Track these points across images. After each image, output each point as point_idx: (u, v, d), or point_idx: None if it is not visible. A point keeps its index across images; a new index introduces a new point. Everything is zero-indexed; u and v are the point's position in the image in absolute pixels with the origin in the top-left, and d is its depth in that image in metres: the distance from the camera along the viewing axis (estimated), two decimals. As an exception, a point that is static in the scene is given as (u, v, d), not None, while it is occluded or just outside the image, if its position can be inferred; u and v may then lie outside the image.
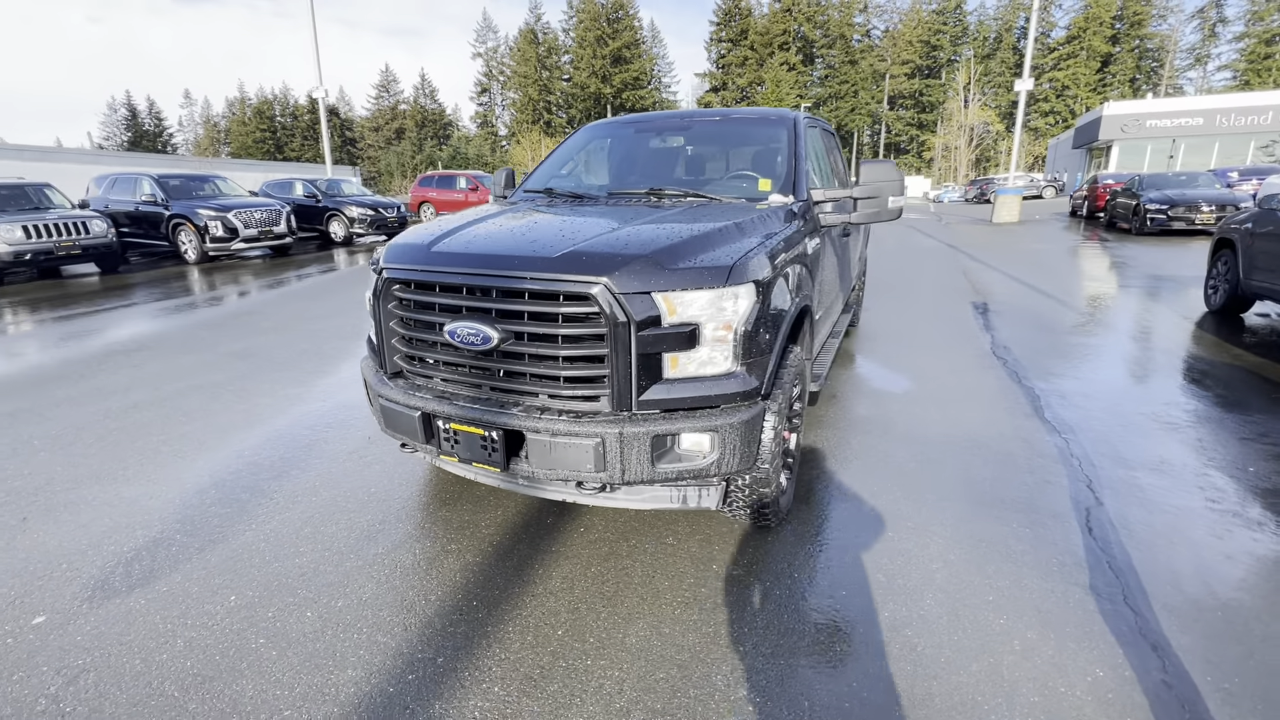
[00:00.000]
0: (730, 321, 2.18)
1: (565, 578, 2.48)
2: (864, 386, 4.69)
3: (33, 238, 9.50)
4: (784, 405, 2.50)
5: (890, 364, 5.25)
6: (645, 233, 2.36)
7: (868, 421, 4.01)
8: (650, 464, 2.18)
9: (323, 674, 2.00)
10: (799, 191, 3.15)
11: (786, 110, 3.66)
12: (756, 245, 2.38)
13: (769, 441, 2.43)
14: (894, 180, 3.15)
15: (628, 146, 3.89)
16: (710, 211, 2.77)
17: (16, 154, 20.22)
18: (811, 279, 3.05)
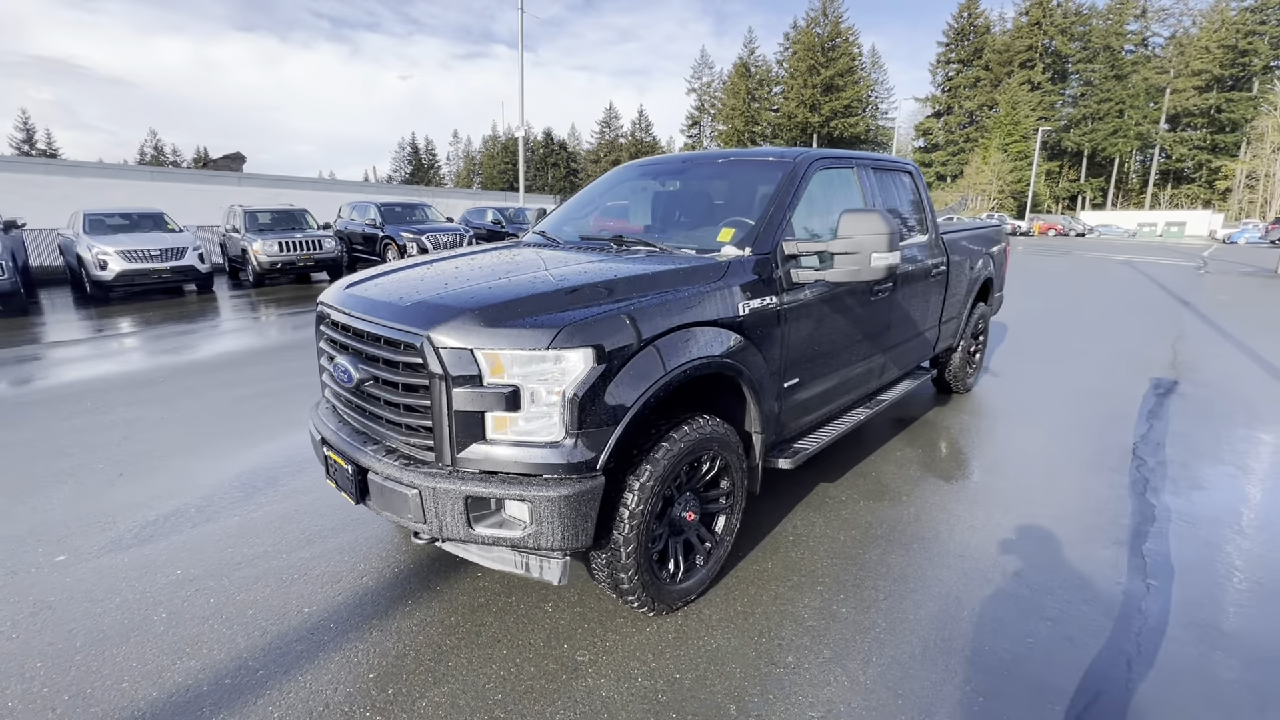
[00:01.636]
0: (560, 387, 2.04)
1: (424, 621, 2.50)
2: (908, 470, 3.95)
3: (283, 251, 12.26)
4: (656, 482, 2.25)
5: (974, 445, 4.35)
6: (501, 287, 2.31)
7: (868, 521, 3.38)
8: (466, 524, 2.12)
9: (175, 658, 2.28)
10: (762, 243, 2.81)
11: (799, 152, 3.28)
12: (616, 306, 2.19)
13: (629, 519, 2.21)
14: (878, 234, 2.66)
15: (627, 191, 3.82)
16: (631, 264, 2.61)
17: (306, 185, 26.15)
18: (772, 340, 2.70)
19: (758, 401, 2.73)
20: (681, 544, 2.57)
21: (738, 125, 74.25)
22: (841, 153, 3.62)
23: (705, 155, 3.65)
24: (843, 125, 70.41)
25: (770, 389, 2.82)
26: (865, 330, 3.50)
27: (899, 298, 3.81)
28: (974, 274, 5.04)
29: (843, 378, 3.40)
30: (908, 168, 4.28)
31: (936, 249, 4.32)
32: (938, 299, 4.42)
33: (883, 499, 3.56)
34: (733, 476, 2.70)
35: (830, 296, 3.09)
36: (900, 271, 3.74)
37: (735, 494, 2.74)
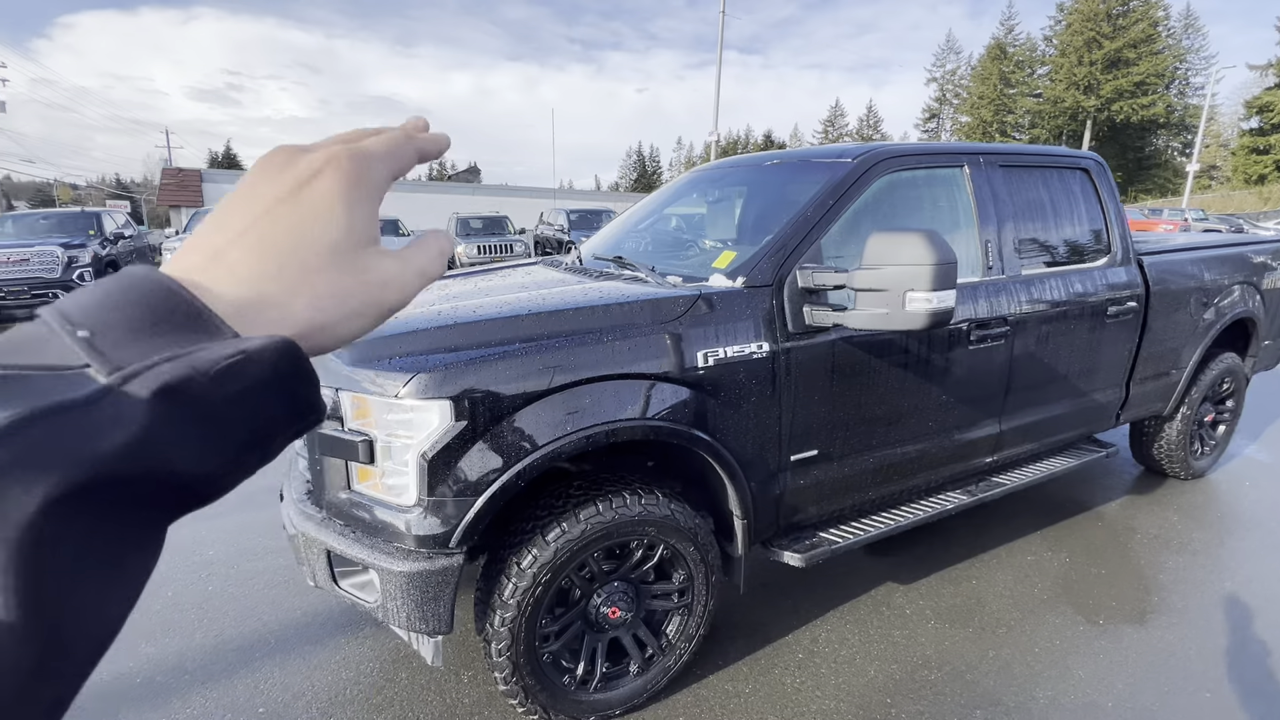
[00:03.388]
0: (415, 443, 1.73)
1: (324, 666, 2.37)
2: (1030, 588, 2.81)
3: (480, 254, 13.71)
4: (544, 569, 1.82)
5: (1169, 566, 2.98)
6: (419, 316, 2.04)
7: (928, 654, 2.44)
8: (330, 577, 1.93)
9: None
10: (760, 273, 2.14)
11: (864, 148, 2.47)
12: (501, 350, 1.79)
13: (499, 610, 1.82)
14: (916, 265, 1.85)
15: (672, 199, 3.26)
16: (576, 293, 2.17)
17: (529, 194, 29.20)
18: (762, 400, 2.07)
19: (734, 478, 2.09)
20: (605, 645, 2.07)
21: (984, 116, 64.84)
22: (943, 146, 2.68)
23: (753, 158, 2.97)
24: (1129, 108, 57.13)
25: (763, 463, 2.15)
26: (954, 390, 2.54)
27: (1030, 345, 2.72)
28: (1212, 312, 3.47)
29: (908, 453, 2.50)
30: (1081, 163, 3.06)
31: (1124, 277, 3.02)
32: (1123, 347, 3.10)
33: (967, 624, 2.56)
34: (689, 569, 2.11)
35: (875, 343, 2.27)
36: (1027, 312, 2.66)
37: (694, 591, 2.15)
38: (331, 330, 0.31)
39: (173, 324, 0.26)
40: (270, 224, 0.30)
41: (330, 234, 0.31)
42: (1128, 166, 60.72)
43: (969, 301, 2.51)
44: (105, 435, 0.23)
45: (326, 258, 0.31)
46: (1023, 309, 2.65)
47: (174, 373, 0.24)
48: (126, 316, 0.25)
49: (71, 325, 0.25)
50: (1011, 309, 2.62)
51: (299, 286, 0.30)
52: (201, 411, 0.25)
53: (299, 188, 0.31)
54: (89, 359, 0.24)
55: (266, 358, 0.27)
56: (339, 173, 0.32)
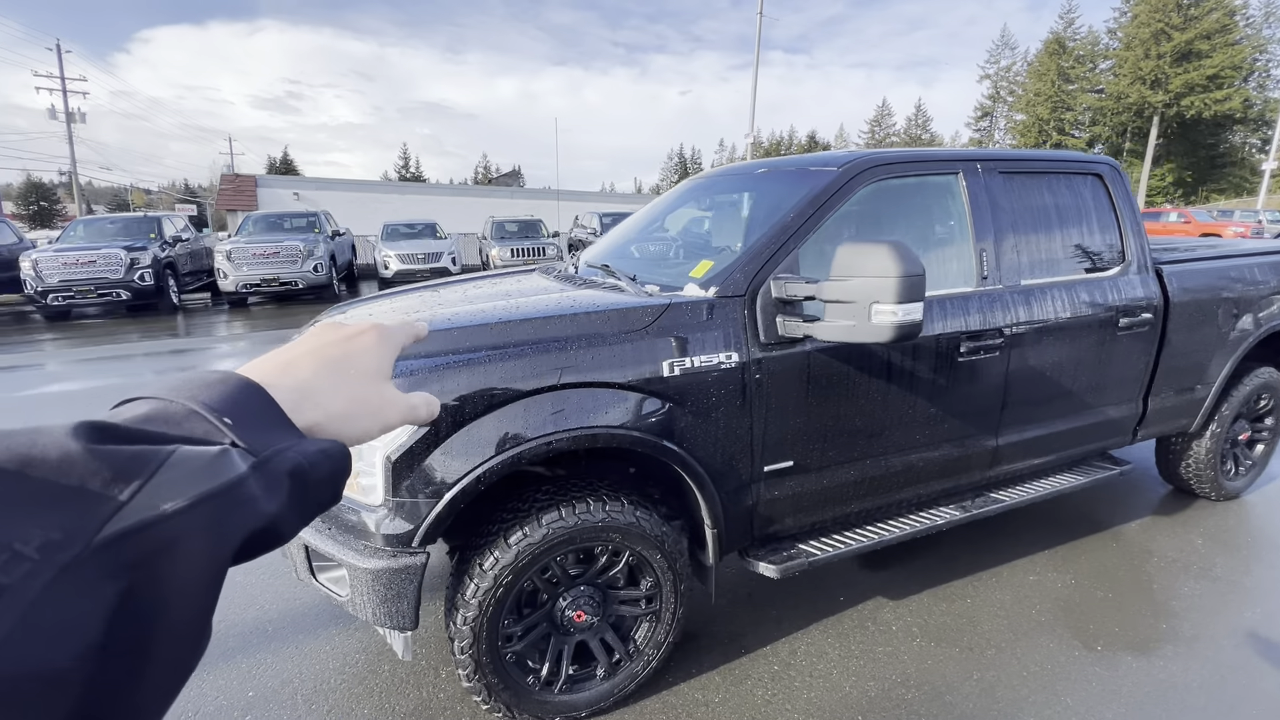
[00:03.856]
0: (381, 446, 1.80)
1: (314, 655, 2.49)
2: (1028, 609, 2.72)
3: (514, 257, 13.98)
4: (506, 570, 1.87)
5: (1185, 593, 2.84)
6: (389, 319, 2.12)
7: (909, 672, 2.39)
8: (309, 571, 2.02)
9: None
10: (734, 283, 2.14)
11: (848, 156, 2.44)
12: (468, 356, 1.85)
13: (461, 609, 1.88)
14: (881, 277, 1.83)
15: (669, 207, 3.27)
16: (551, 302, 2.22)
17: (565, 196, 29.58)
18: (733, 409, 2.08)
19: (702, 487, 2.10)
20: (572, 648, 2.11)
21: (1040, 113, 62.18)
22: (935, 153, 2.61)
23: (745, 166, 2.96)
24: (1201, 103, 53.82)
25: (734, 473, 2.15)
26: (943, 403, 2.48)
27: (1029, 358, 2.63)
28: (1246, 323, 3.27)
29: (893, 466, 2.46)
30: (1094, 169, 2.93)
31: (1138, 288, 2.89)
32: (1137, 361, 2.96)
33: (955, 644, 2.49)
34: (657, 576, 2.13)
35: (854, 354, 2.24)
36: (1025, 324, 2.57)
37: (662, 598, 2.16)
38: (351, 423, 0.42)
39: (266, 420, 0.35)
40: (326, 354, 0.44)
41: (368, 364, 0.45)
42: (1199, 165, 57.33)
43: (959, 313, 2.45)
44: (267, 501, 0.32)
45: (361, 377, 0.44)
46: (1020, 321, 2.57)
47: (294, 459, 0.34)
48: (246, 412, 0.34)
49: (217, 413, 0.33)
50: (1007, 321, 2.54)
51: (338, 390, 0.42)
52: (306, 488, 0.34)
53: (349, 340, 0.46)
54: (237, 440, 0.32)
55: (336, 453, 0.38)
56: (376, 332, 0.48)
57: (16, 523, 0.23)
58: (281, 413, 0.36)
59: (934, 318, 2.40)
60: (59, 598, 0.23)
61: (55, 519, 0.24)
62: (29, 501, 0.24)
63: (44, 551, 0.23)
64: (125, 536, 0.25)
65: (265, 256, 11.38)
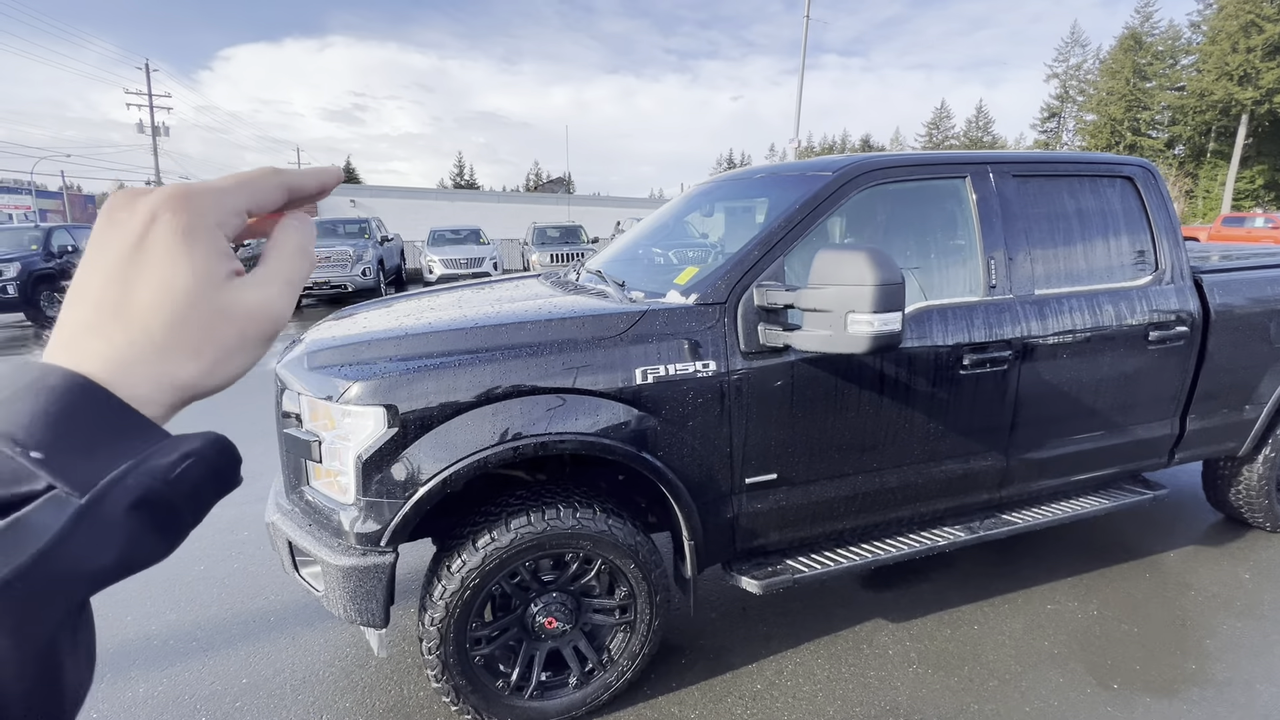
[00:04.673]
0: (352, 445, 1.85)
1: (308, 647, 2.56)
2: (1040, 640, 2.54)
3: (553, 262, 14.18)
4: (474, 573, 1.89)
5: (1223, 634, 2.60)
6: (384, 328, 2.17)
7: (899, 700, 2.27)
8: (292, 565, 2.09)
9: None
10: (715, 290, 2.10)
11: (845, 161, 2.35)
12: (439, 361, 1.87)
13: (429, 610, 1.91)
14: (857, 286, 1.76)
15: (678, 213, 3.23)
16: (529, 309, 2.23)
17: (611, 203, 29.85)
18: (710, 419, 2.04)
19: (678, 497, 2.06)
20: (544, 654, 2.10)
21: (1113, 113, 58.80)
22: (941, 156, 2.49)
23: (746, 171, 2.90)
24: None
25: (713, 484, 2.11)
26: (944, 418, 2.35)
27: (1044, 372, 2.47)
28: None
29: (888, 482, 2.35)
30: (1123, 171, 2.74)
31: (1171, 299, 2.68)
32: (1171, 378, 2.74)
33: (954, 673, 2.36)
34: (631, 586, 2.10)
35: (844, 364, 2.16)
36: (1039, 336, 2.42)
37: (636, 609, 2.13)
38: (216, 373, 0.32)
39: (105, 427, 0.27)
40: (122, 287, 0.30)
41: (180, 281, 0.31)
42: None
43: (962, 324, 2.33)
44: (98, 554, 0.26)
45: (185, 306, 0.31)
46: (1032, 332, 2.42)
47: (139, 486, 0.27)
48: (65, 430, 0.26)
49: (20, 446, 0.25)
50: (1017, 332, 2.40)
51: (171, 343, 0.30)
52: (164, 514, 0.28)
53: (139, 241, 0.31)
54: (52, 480, 0.25)
55: (208, 454, 0.30)
56: (172, 215, 0.31)
57: None
58: (124, 409, 0.28)
59: (934, 328, 2.29)
60: None
61: None
62: None
63: None
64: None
65: (317, 261, 11.88)
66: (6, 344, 9.68)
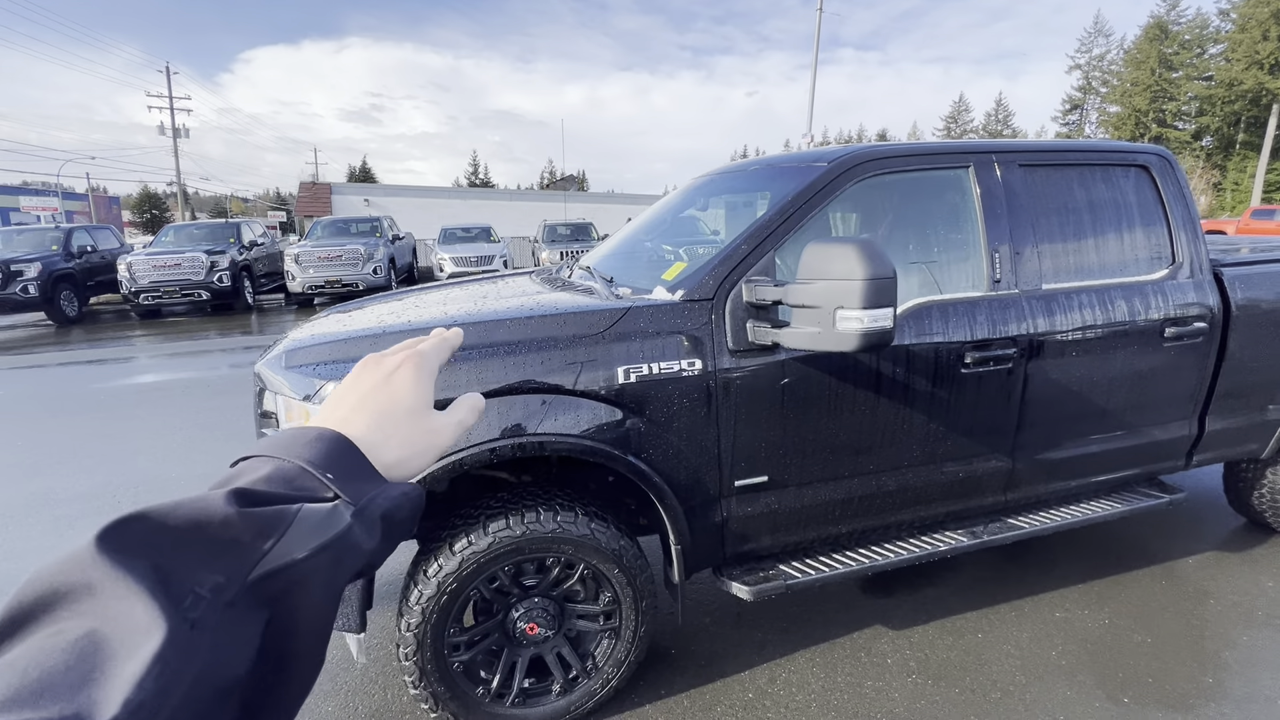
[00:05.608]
0: (328, 446, 1.80)
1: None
2: (1047, 649, 2.44)
3: (562, 259, 14.16)
4: (450, 578, 1.84)
5: (1243, 646, 2.48)
6: (365, 325, 2.13)
7: (896, 711, 2.19)
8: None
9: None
10: (702, 286, 2.03)
11: (839, 151, 2.26)
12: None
13: (405, 614, 1.86)
14: (852, 280, 1.67)
15: (675, 207, 3.15)
16: (512, 307, 2.17)
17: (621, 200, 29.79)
18: (695, 420, 1.97)
19: (663, 500, 1.99)
20: (525, 661, 2.05)
21: (1137, 104, 57.37)
22: (943, 146, 2.38)
23: (741, 164, 2.81)
24: (1333, 88, 48.10)
25: (700, 487, 2.04)
26: (944, 419, 2.26)
27: (1051, 369, 2.36)
28: (1331, 336, 2.83)
29: (886, 486, 2.26)
30: (1138, 159, 2.61)
31: (1189, 293, 2.55)
32: (1189, 376, 2.61)
33: (955, 684, 2.27)
34: (615, 592, 2.04)
35: (837, 363, 2.07)
36: (1045, 332, 2.31)
37: (621, 615, 2.07)
38: (407, 463, 0.45)
39: (358, 470, 0.41)
40: (372, 400, 0.47)
41: (407, 402, 0.47)
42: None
43: (964, 320, 2.23)
44: (366, 541, 0.38)
45: (405, 417, 0.46)
46: (1039, 329, 2.32)
47: (385, 504, 0.40)
48: (341, 465, 0.40)
49: (320, 469, 0.38)
50: (1022, 329, 2.29)
51: (390, 436, 0.45)
52: (392, 526, 0.40)
53: (388, 377, 0.48)
54: (339, 493, 0.38)
55: (414, 494, 0.43)
56: (414, 363, 0.49)
57: (195, 571, 0.30)
58: (367, 462, 0.42)
59: (934, 325, 2.20)
60: (229, 625, 0.30)
61: (220, 565, 0.31)
62: (203, 553, 0.31)
63: (214, 592, 0.30)
64: (268, 578, 0.32)
65: (329, 260, 12.01)
66: (27, 342, 9.87)
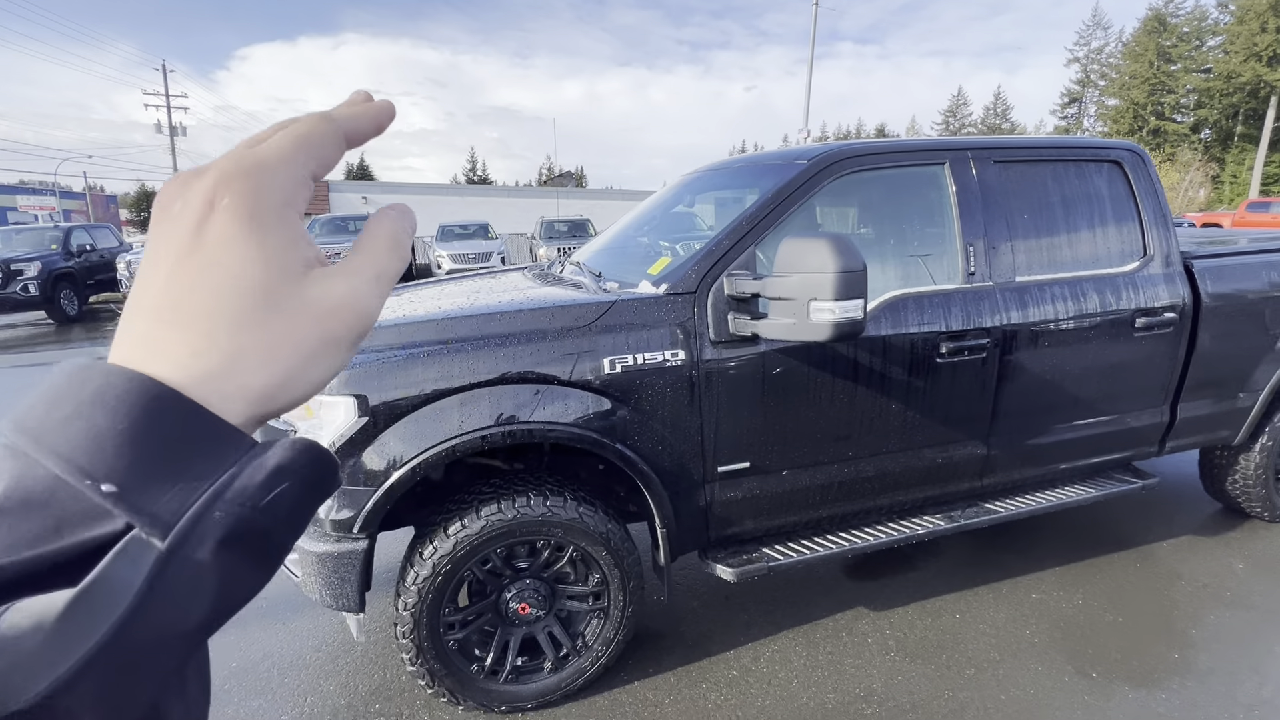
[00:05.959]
0: (325, 435, 1.89)
1: (297, 632, 2.62)
2: (1023, 629, 2.53)
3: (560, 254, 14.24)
4: (445, 559, 1.93)
5: (1212, 626, 2.57)
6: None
7: (873, 688, 2.28)
8: (274, 553, 2.14)
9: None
10: (685, 280, 2.11)
11: (820, 149, 2.34)
12: (401, 354, 1.91)
13: (402, 595, 1.95)
14: (824, 273, 1.76)
15: (665, 203, 3.23)
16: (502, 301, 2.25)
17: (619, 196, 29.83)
18: (679, 409, 2.06)
19: (649, 485, 2.08)
20: (519, 639, 2.14)
21: (1136, 97, 57.36)
22: (919, 143, 2.46)
23: (728, 161, 2.90)
24: (1332, 79, 48.13)
25: (684, 472, 2.13)
26: (921, 407, 2.35)
27: (1025, 359, 2.45)
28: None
29: (865, 471, 2.35)
30: (1111, 155, 2.69)
31: (1160, 284, 2.64)
32: (1161, 365, 2.70)
33: (931, 661, 2.36)
34: (604, 573, 2.13)
35: (816, 354, 2.16)
36: (1018, 323, 2.40)
37: (610, 595, 2.16)
38: (296, 381, 0.27)
39: (181, 442, 0.23)
40: (181, 286, 0.26)
41: (249, 274, 0.26)
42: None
43: (939, 312, 2.32)
44: (191, 607, 0.22)
45: (257, 303, 0.26)
46: (1012, 320, 2.40)
47: (228, 518, 0.23)
48: (138, 451, 0.22)
49: (90, 478, 0.21)
50: (996, 320, 2.38)
51: (241, 349, 0.25)
52: (258, 542, 0.24)
53: (197, 230, 0.26)
54: (130, 518, 0.21)
55: (301, 468, 0.25)
56: (234, 197, 0.26)
57: None
58: (204, 415, 0.24)
59: (909, 316, 2.28)
60: None
61: None
62: None
63: None
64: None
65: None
66: (28, 341, 9.95)
